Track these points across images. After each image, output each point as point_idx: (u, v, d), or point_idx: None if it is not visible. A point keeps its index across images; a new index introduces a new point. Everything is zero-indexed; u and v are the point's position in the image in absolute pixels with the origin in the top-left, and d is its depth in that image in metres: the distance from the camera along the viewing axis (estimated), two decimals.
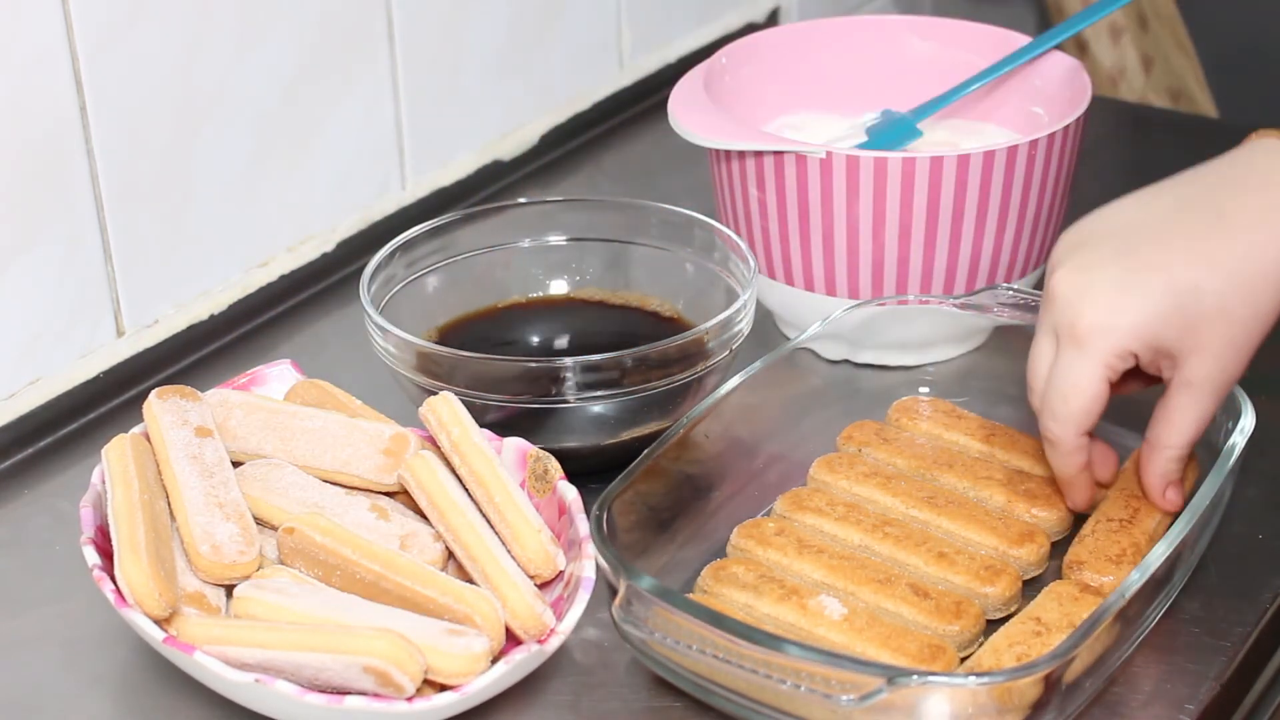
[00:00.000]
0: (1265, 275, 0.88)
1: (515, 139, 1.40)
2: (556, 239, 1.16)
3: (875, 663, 0.86)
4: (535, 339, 1.14)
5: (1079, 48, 1.82)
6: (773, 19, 1.62)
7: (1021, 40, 1.21)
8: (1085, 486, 0.96)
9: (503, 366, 1.01)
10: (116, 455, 0.94)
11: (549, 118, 1.43)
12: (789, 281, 1.14)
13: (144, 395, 0.99)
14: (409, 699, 0.85)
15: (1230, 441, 0.93)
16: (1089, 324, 0.89)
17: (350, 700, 0.84)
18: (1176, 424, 0.91)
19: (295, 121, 1.23)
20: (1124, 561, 0.92)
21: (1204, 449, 0.98)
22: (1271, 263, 0.88)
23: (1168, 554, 0.87)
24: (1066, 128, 1.10)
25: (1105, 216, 0.93)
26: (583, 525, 0.92)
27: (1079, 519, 0.98)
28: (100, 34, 1.09)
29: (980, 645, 0.90)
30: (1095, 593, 0.91)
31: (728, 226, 1.13)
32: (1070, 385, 0.90)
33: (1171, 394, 0.91)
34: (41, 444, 1.12)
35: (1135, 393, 0.95)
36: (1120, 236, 0.90)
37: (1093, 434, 0.94)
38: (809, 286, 1.13)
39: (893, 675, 0.80)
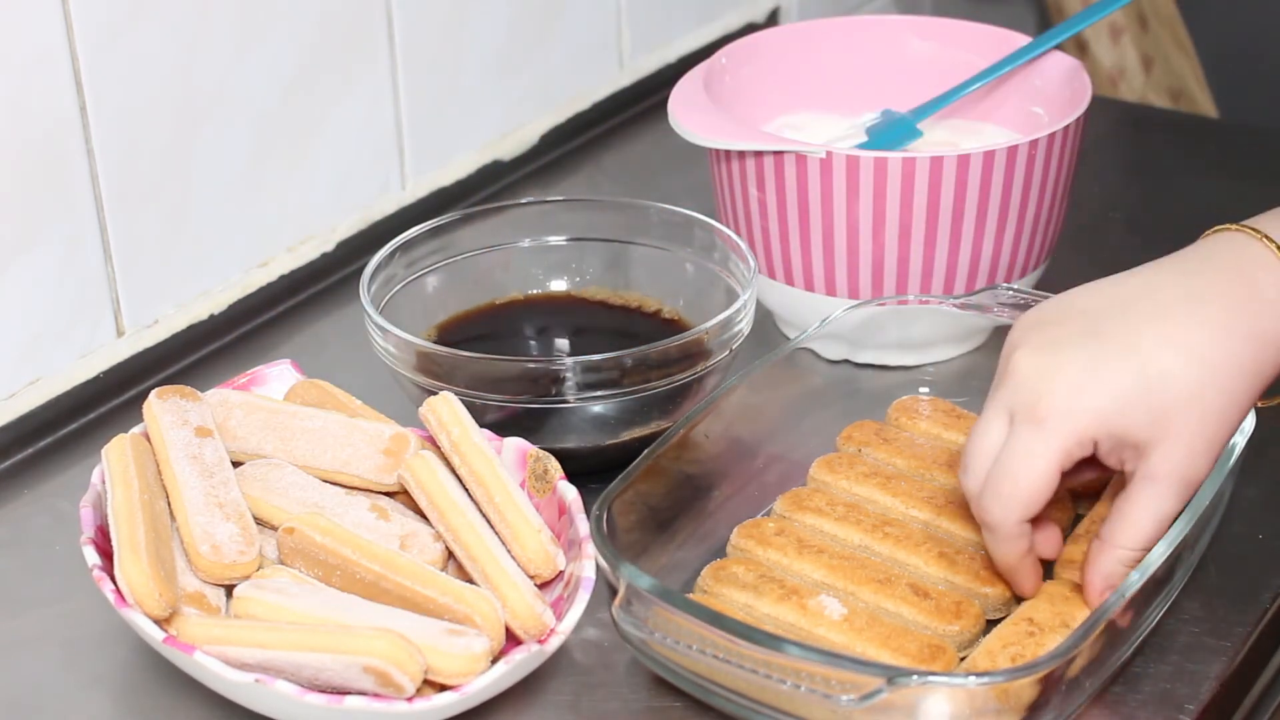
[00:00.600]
0: (1240, 366, 0.84)
1: (515, 139, 1.40)
2: (556, 239, 1.16)
3: (875, 663, 0.86)
4: (535, 339, 1.14)
5: (1079, 48, 1.82)
6: (773, 19, 1.62)
7: (1021, 40, 1.21)
8: (1030, 573, 0.90)
9: (503, 366, 1.01)
10: (116, 455, 0.94)
11: (549, 118, 1.43)
12: (789, 281, 1.14)
13: (144, 395, 0.99)
14: (409, 699, 0.85)
15: (1230, 441, 0.93)
16: (1051, 405, 0.83)
17: (350, 700, 0.84)
18: (1135, 521, 0.85)
19: (295, 121, 1.23)
20: None
21: None
22: (1247, 354, 0.84)
23: (1168, 554, 0.87)
24: (1066, 128, 1.10)
25: (1068, 298, 0.88)
26: (583, 525, 0.92)
27: (1076, 518, 0.98)
28: (100, 34, 1.09)
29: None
30: None
31: (728, 226, 1.13)
32: (1021, 466, 0.84)
33: (1133, 489, 0.85)
34: (41, 444, 1.12)
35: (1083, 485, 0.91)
36: (1086, 318, 0.86)
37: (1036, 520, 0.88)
38: (809, 286, 1.13)
39: (893, 675, 0.80)
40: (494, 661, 0.87)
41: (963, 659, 0.90)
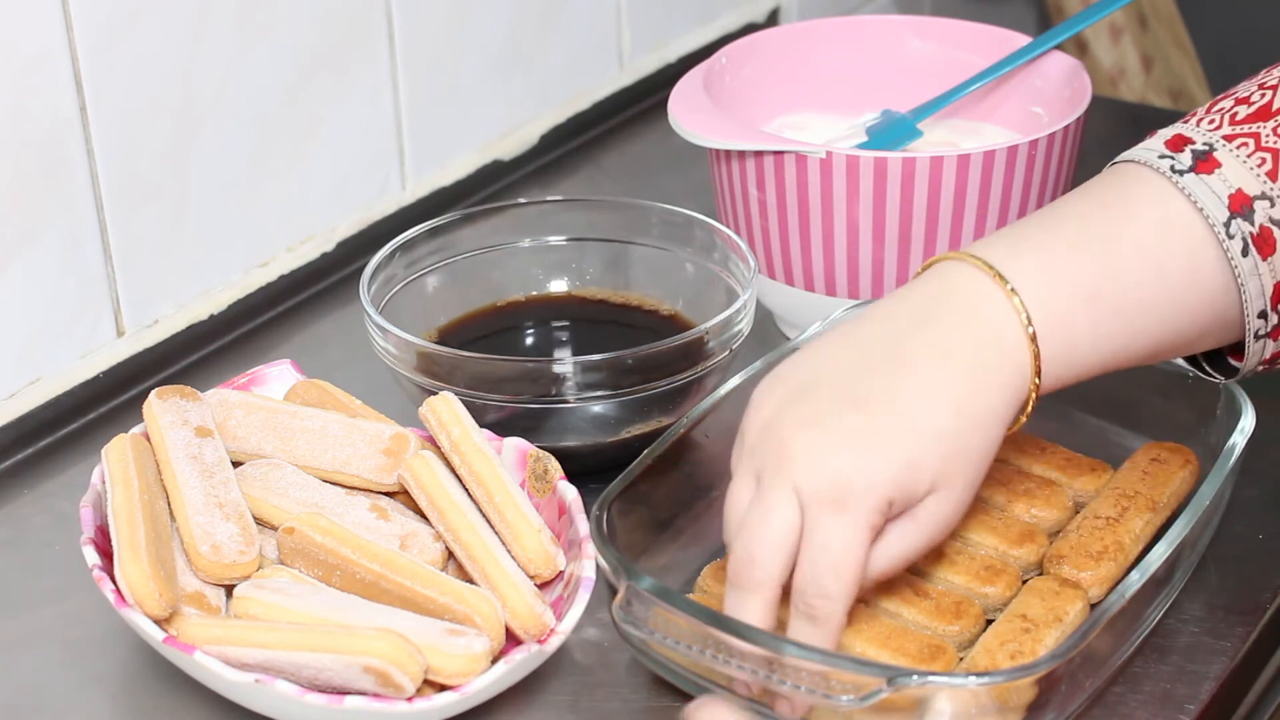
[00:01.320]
0: (995, 413, 0.84)
1: (515, 139, 1.40)
2: (556, 239, 1.16)
3: (875, 663, 0.86)
4: (535, 339, 1.14)
5: (1079, 48, 1.82)
6: (773, 19, 1.62)
7: (1021, 40, 1.21)
8: None
9: (503, 366, 1.01)
10: (116, 455, 0.94)
11: (549, 118, 1.43)
12: (789, 281, 1.14)
13: (144, 395, 0.99)
14: (409, 699, 0.85)
15: (1230, 441, 0.93)
16: (846, 486, 0.81)
17: (350, 700, 0.84)
18: (880, 552, 0.84)
19: (295, 121, 1.23)
20: (1104, 558, 0.92)
21: (1204, 449, 0.98)
22: (999, 401, 0.84)
23: (1168, 554, 0.87)
24: (1066, 128, 1.10)
25: (809, 362, 0.86)
26: (583, 525, 0.92)
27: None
28: (100, 34, 1.09)
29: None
30: (1074, 586, 0.91)
31: (728, 226, 1.13)
32: (840, 557, 0.82)
33: (890, 524, 0.84)
34: (41, 444, 1.12)
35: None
36: (840, 383, 0.84)
37: None
38: (809, 286, 1.13)
39: (893, 675, 0.80)
40: (494, 661, 0.87)
41: (961, 659, 0.90)
